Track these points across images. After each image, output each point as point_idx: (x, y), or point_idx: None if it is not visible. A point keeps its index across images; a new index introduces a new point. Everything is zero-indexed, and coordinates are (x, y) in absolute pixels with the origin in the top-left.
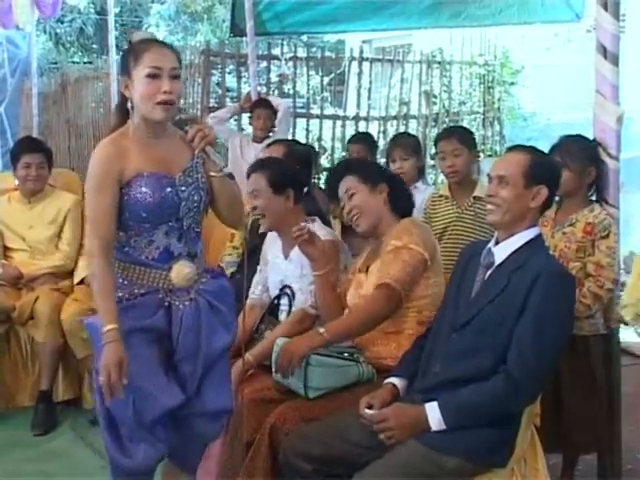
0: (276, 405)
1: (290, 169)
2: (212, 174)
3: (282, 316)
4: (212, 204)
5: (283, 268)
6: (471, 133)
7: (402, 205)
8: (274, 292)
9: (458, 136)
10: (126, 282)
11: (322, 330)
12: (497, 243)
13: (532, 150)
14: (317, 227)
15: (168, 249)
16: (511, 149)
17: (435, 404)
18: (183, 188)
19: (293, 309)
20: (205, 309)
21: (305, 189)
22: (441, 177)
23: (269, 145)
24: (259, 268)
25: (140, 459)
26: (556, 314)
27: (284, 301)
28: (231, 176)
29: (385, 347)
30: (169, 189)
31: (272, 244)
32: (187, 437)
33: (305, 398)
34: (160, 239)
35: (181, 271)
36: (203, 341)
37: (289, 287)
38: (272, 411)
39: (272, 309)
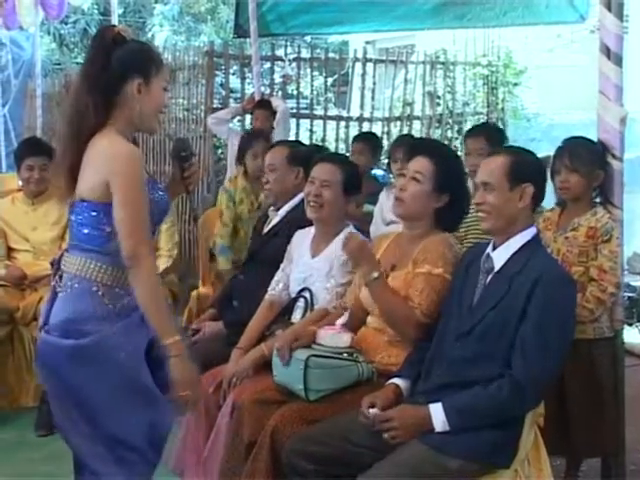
0: (277, 406)
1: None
2: None
3: (296, 318)
4: None
5: (309, 266)
6: (501, 132)
7: (450, 220)
8: (295, 290)
9: (487, 135)
10: (122, 292)
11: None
12: (495, 248)
13: (511, 150)
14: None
15: None
16: (494, 151)
17: (439, 405)
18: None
19: (314, 308)
20: None
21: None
22: None
23: (272, 146)
24: (282, 266)
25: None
26: (558, 317)
27: (300, 303)
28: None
29: (390, 355)
30: (161, 192)
31: (300, 242)
32: None
33: (306, 401)
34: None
35: None
36: None
37: (308, 290)
38: (273, 412)
39: (287, 309)
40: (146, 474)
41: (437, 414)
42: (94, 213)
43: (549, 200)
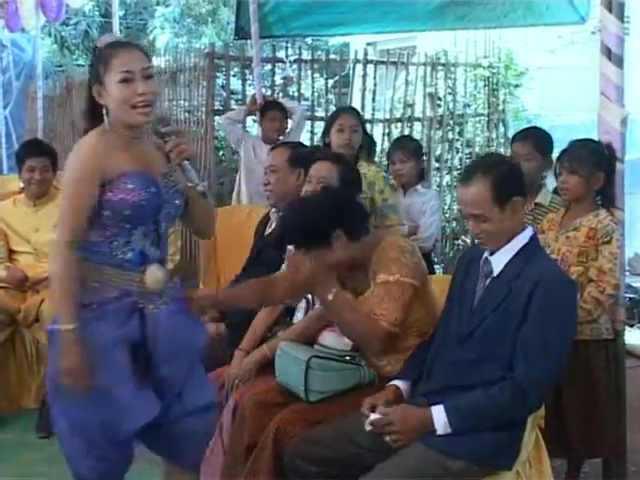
0: (279, 408)
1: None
2: (189, 184)
3: (297, 319)
4: (184, 213)
5: None
6: (548, 137)
7: (360, 228)
8: None
9: (534, 141)
10: (97, 284)
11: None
12: (492, 253)
13: (485, 172)
14: None
15: (143, 252)
16: (467, 179)
17: (441, 408)
18: (165, 190)
19: (314, 308)
20: (178, 311)
21: None
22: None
23: (273, 147)
24: (283, 267)
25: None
26: (558, 319)
27: (302, 304)
28: (205, 194)
29: (387, 362)
30: (154, 189)
31: None
32: (181, 438)
33: (306, 402)
34: (137, 241)
35: (155, 274)
36: (183, 343)
37: None
38: (275, 414)
39: (289, 310)
40: (107, 468)
41: (439, 416)
42: None
43: None
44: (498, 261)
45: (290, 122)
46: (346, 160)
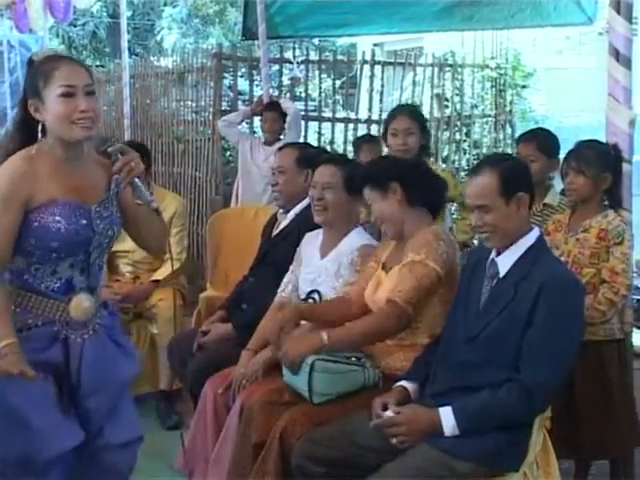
0: (286, 408)
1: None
2: (138, 202)
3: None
4: (132, 230)
5: (318, 267)
6: (553, 139)
7: (421, 194)
8: (304, 291)
9: (538, 142)
10: (19, 310)
11: (325, 337)
12: (499, 254)
13: (493, 163)
14: (355, 234)
15: (70, 281)
16: (475, 171)
17: (449, 410)
18: (98, 222)
19: None
20: (106, 342)
21: None
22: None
23: (280, 148)
24: (291, 268)
25: None
26: (565, 321)
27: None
28: (157, 211)
29: (396, 359)
30: (84, 221)
31: (309, 244)
32: (100, 471)
33: (310, 403)
34: (64, 270)
35: (80, 304)
36: (109, 374)
37: (317, 291)
38: (282, 414)
39: None
40: None
41: (447, 418)
42: None
43: None
44: (504, 262)
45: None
46: (349, 160)
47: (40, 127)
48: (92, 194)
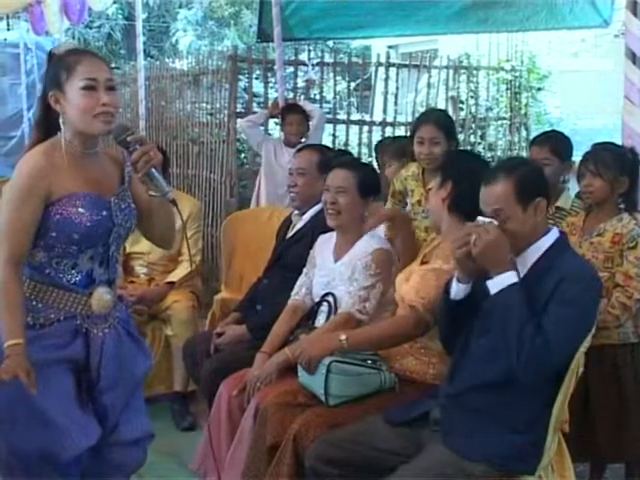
0: (300, 410)
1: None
2: (152, 194)
3: (319, 323)
4: (144, 223)
5: (332, 271)
6: (567, 141)
7: (465, 206)
8: (318, 294)
9: (551, 145)
10: (41, 305)
11: (343, 337)
12: (518, 254)
13: (507, 170)
14: (368, 237)
15: (90, 274)
16: (490, 178)
17: (515, 276)
18: (117, 213)
19: (337, 313)
20: (125, 336)
21: None
22: None
23: (299, 150)
24: (305, 270)
25: None
26: (580, 306)
27: (324, 308)
28: (174, 202)
29: (413, 362)
30: (105, 212)
31: (323, 247)
32: (109, 467)
33: (326, 405)
34: (84, 263)
35: (101, 298)
36: (126, 369)
37: (332, 294)
38: (296, 416)
39: (311, 314)
40: None
41: (511, 278)
42: None
43: None
44: (523, 262)
45: (310, 125)
46: (362, 164)
47: (62, 121)
48: (108, 187)
